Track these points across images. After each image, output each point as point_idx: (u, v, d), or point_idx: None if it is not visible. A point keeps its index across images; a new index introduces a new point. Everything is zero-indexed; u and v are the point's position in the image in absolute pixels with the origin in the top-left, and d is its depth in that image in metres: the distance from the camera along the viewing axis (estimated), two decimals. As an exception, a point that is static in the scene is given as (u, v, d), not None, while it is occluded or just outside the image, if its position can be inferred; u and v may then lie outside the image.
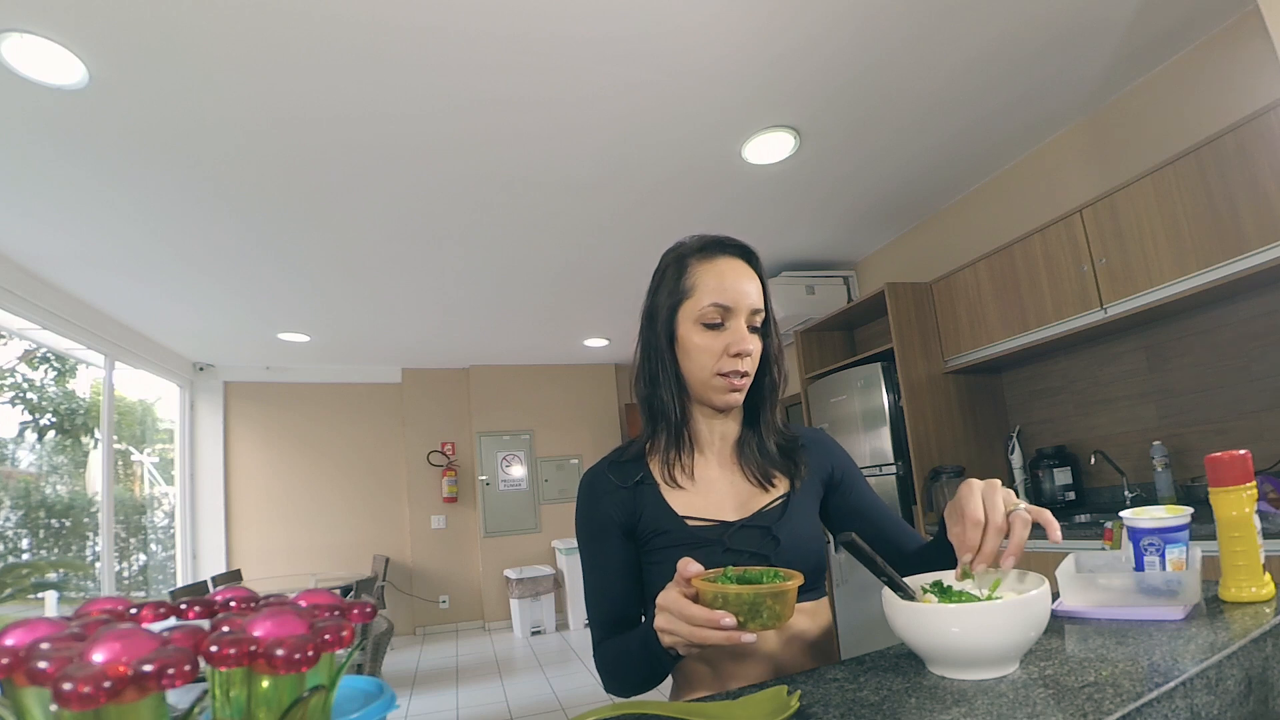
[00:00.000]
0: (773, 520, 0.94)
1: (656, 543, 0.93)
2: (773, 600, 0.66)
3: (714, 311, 0.92)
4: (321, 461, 6.21)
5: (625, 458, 1.00)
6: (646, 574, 0.95)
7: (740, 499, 0.96)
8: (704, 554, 0.89)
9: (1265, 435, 2.27)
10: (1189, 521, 0.87)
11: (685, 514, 0.93)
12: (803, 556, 0.92)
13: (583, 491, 0.99)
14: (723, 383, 0.93)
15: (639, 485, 0.96)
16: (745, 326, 0.93)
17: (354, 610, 0.43)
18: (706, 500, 0.95)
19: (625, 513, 0.95)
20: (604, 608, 0.94)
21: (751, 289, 0.94)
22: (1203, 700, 0.59)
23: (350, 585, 4.46)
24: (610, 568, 0.95)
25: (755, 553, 0.91)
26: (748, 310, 0.93)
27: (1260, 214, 1.99)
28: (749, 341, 0.92)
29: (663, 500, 0.95)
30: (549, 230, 3.52)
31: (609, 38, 2.09)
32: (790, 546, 0.92)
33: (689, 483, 0.96)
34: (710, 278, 0.93)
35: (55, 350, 4.41)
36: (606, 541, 0.95)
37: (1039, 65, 2.45)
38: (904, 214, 3.74)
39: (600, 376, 7.00)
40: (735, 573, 0.72)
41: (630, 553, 0.95)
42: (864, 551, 0.72)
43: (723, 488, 0.97)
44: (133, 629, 0.34)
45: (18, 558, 4.26)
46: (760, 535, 0.92)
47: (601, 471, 0.99)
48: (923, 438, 3.21)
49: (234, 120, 2.35)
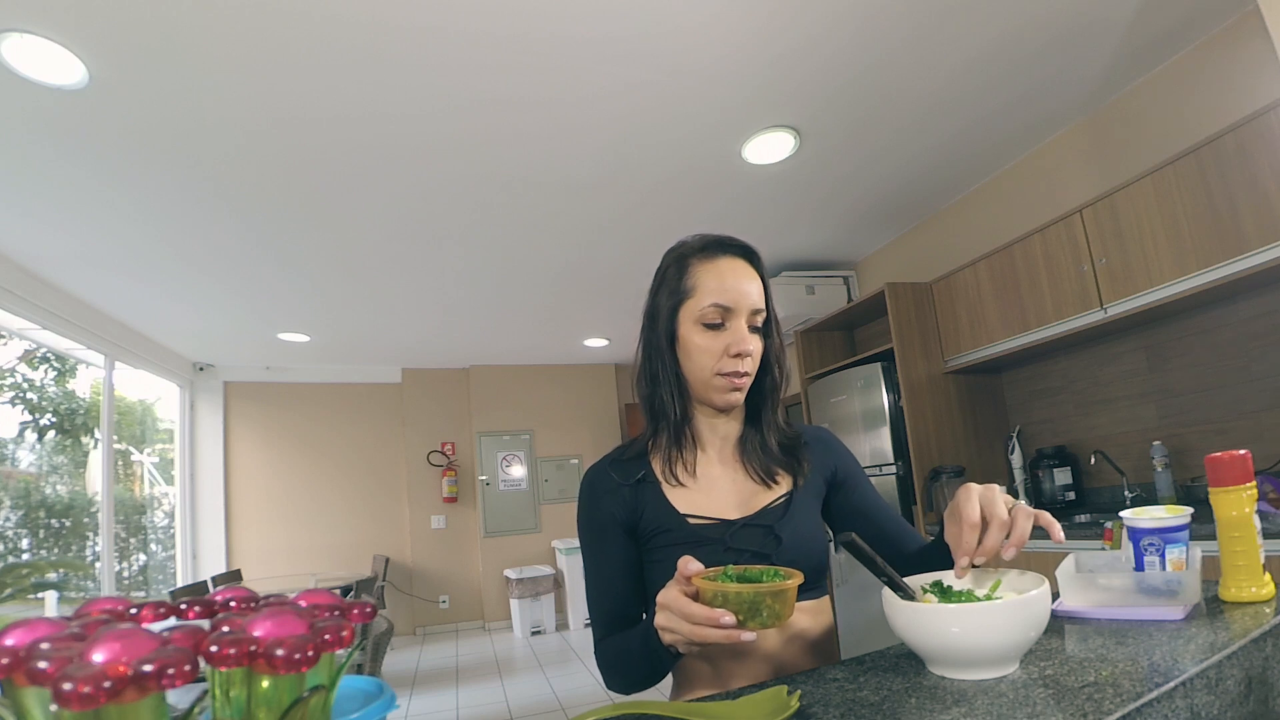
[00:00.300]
0: (775, 519, 0.94)
1: (658, 541, 0.93)
2: (772, 599, 0.66)
3: (714, 312, 0.92)
4: (321, 461, 6.21)
5: (627, 456, 1.00)
6: (648, 572, 0.95)
7: (742, 497, 0.96)
8: (705, 552, 0.90)
9: (1265, 435, 2.27)
10: (1189, 521, 0.87)
11: (687, 512, 0.93)
12: (804, 555, 0.92)
13: (584, 489, 1.00)
14: (723, 382, 0.93)
15: (640, 483, 0.96)
16: (746, 327, 0.93)
17: (354, 610, 0.43)
18: (708, 498, 0.95)
19: (627, 511, 0.95)
20: (605, 606, 0.94)
21: (752, 289, 0.94)
22: (1203, 700, 0.59)
23: (350, 585, 4.46)
24: (612, 566, 0.95)
25: (757, 552, 0.91)
26: (748, 310, 0.93)
27: (1260, 214, 1.99)
28: (749, 342, 0.92)
29: (664, 498, 0.95)
30: (549, 230, 3.52)
31: (609, 38, 2.09)
32: (792, 545, 0.92)
33: (691, 481, 0.96)
34: (711, 278, 0.94)
35: (55, 350, 4.41)
36: (608, 540, 0.95)
37: (1039, 65, 2.45)
38: (904, 214, 3.74)
39: (600, 376, 7.00)
40: (736, 571, 0.72)
41: (631, 551, 0.96)
42: (864, 551, 0.72)
43: (725, 486, 0.97)
44: (133, 629, 0.34)
45: (18, 558, 4.26)
46: (762, 534, 0.92)
47: (603, 469, 1.00)
48: (923, 438, 3.21)
49: (234, 120, 2.35)
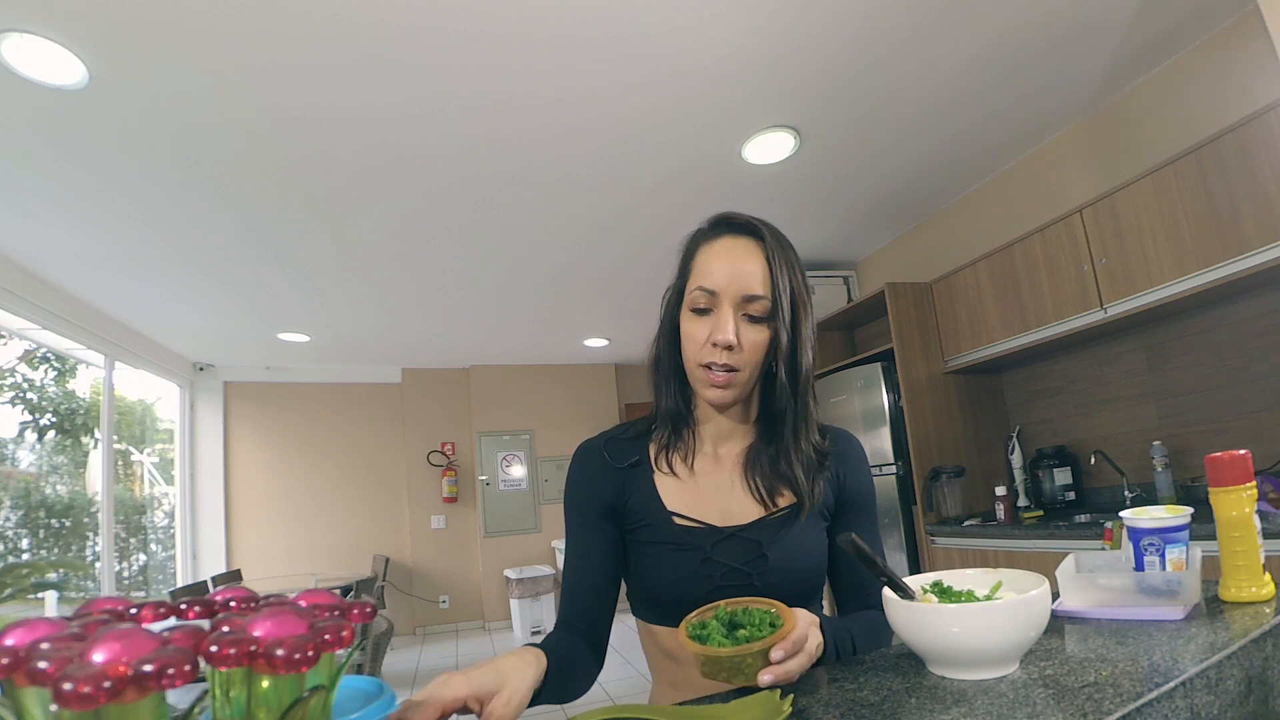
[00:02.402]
0: (766, 535, 0.86)
1: (642, 533, 0.89)
2: (753, 658, 0.65)
3: (700, 296, 0.84)
4: (321, 461, 6.21)
5: (626, 435, 0.95)
6: (629, 553, 0.92)
7: (735, 507, 0.89)
8: (683, 559, 0.86)
9: (1265, 435, 2.27)
10: (1189, 521, 0.87)
11: (674, 509, 0.88)
12: (793, 579, 0.86)
13: (574, 466, 0.95)
14: (704, 375, 0.85)
15: (632, 468, 0.92)
16: (733, 313, 0.83)
17: (354, 610, 0.43)
18: (698, 498, 0.89)
19: (613, 494, 0.91)
20: (575, 588, 0.91)
21: (746, 271, 0.83)
22: (1203, 700, 0.59)
23: (350, 585, 4.45)
24: (591, 555, 0.91)
25: (737, 567, 0.85)
26: (737, 295, 0.83)
27: (1260, 214, 1.99)
28: (727, 330, 0.82)
29: (653, 488, 0.90)
30: (549, 230, 3.52)
31: (609, 38, 2.09)
32: (780, 566, 0.85)
33: (686, 473, 0.91)
34: (704, 259, 0.86)
35: (55, 350, 4.41)
36: (588, 524, 0.92)
37: (1039, 65, 2.45)
38: (904, 214, 3.74)
39: (600, 376, 7.00)
40: (728, 613, 0.71)
41: (613, 538, 0.92)
42: (864, 552, 0.72)
43: (719, 489, 0.90)
44: (133, 629, 0.34)
45: (18, 558, 4.26)
46: (748, 549, 0.86)
47: (596, 448, 0.94)
48: (923, 438, 3.21)
49: (234, 120, 2.35)
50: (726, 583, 0.84)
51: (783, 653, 0.65)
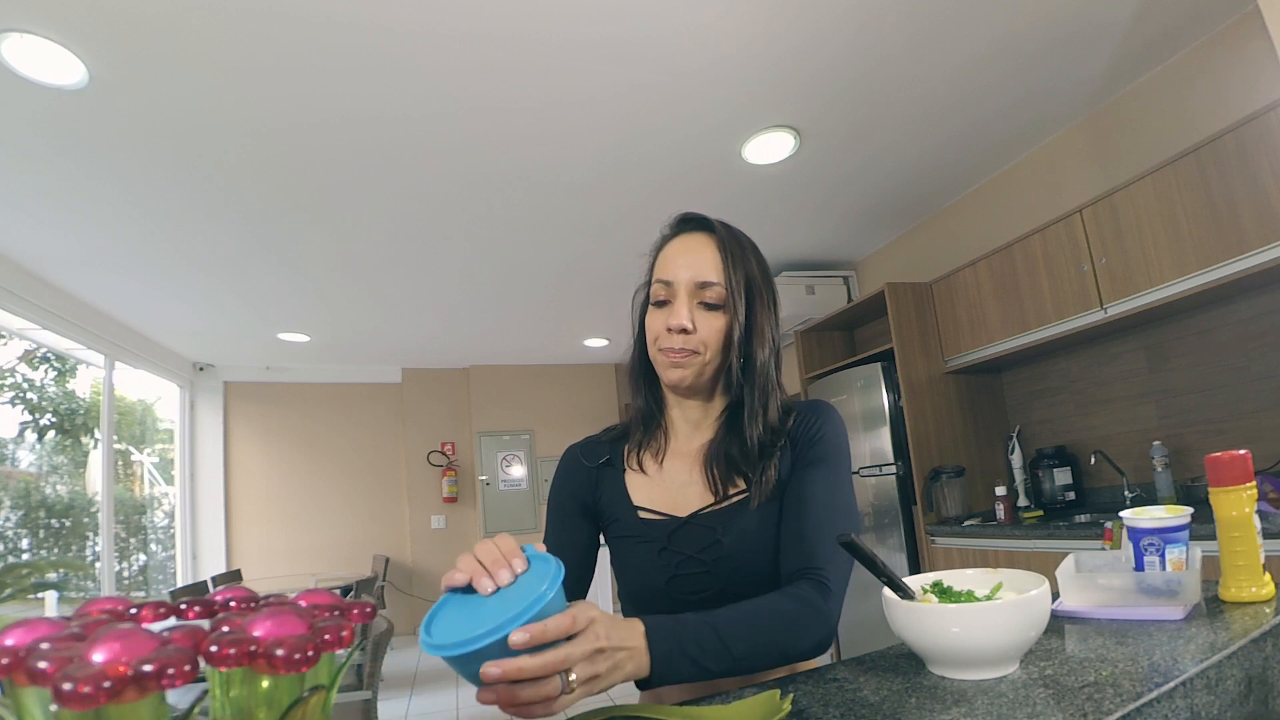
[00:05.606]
0: (720, 521, 0.87)
1: (613, 529, 0.94)
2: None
3: (660, 288, 0.90)
4: (321, 461, 6.21)
5: (605, 437, 1.01)
6: (610, 551, 0.96)
7: (695, 496, 0.91)
8: (645, 551, 0.89)
9: (1265, 435, 2.27)
10: (1189, 521, 0.87)
11: (640, 504, 0.92)
12: (749, 564, 0.85)
13: (559, 466, 1.01)
14: (663, 359, 0.89)
15: (603, 467, 0.97)
16: (688, 300, 0.87)
17: (354, 610, 0.43)
18: (664, 492, 0.93)
19: (586, 492, 0.97)
20: None
21: (698, 261, 0.88)
22: (1203, 700, 0.59)
23: (350, 585, 4.45)
24: (560, 550, 0.92)
25: (692, 555, 0.86)
26: (689, 284, 0.87)
27: (1260, 214, 1.99)
28: (681, 315, 0.86)
29: (622, 486, 0.95)
30: (549, 230, 3.52)
31: (610, 39, 2.09)
32: (735, 553, 0.85)
33: (655, 470, 0.95)
34: (663, 256, 0.92)
35: (55, 350, 4.41)
36: (566, 521, 0.97)
37: (1039, 66, 2.45)
38: (904, 214, 3.74)
39: (600, 376, 7.00)
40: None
41: (589, 535, 0.97)
42: (863, 551, 0.72)
43: (682, 480, 0.93)
44: (133, 629, 0.34)
45: (18, 558, 4.25)
46: (703, 536, 0.87)
47: (575, 451, 1.01)
48: (923, 438, 3.21)
49: (234, 121, 2.35)
50: (684, 571, 0.87)
51: (528, 634, 0.54)
